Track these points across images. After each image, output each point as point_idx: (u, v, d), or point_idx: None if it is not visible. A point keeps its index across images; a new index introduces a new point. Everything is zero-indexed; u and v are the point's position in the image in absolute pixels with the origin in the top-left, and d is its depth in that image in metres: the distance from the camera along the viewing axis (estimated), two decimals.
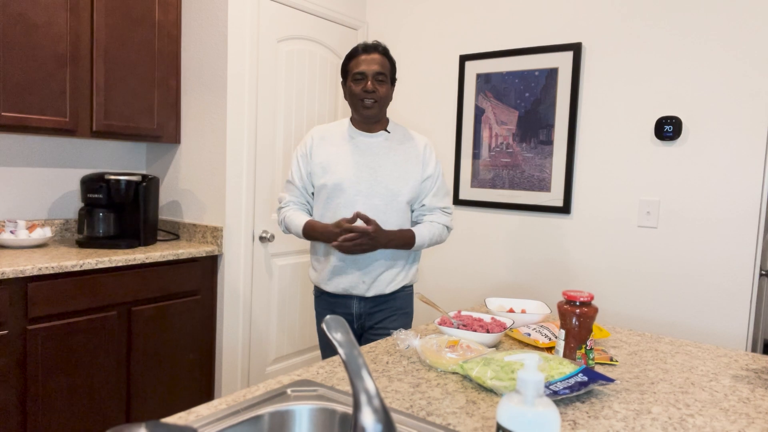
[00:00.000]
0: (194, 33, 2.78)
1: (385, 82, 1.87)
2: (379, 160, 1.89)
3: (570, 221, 2.65)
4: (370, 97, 1.83)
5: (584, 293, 1.21)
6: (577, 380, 1.06)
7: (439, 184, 1.96)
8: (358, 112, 1.88)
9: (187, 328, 2.60)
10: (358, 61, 1.86)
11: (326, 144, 1.91)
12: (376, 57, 1.85)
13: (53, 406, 2.14)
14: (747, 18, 2.21)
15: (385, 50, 1.90)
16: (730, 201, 2.26)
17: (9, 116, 2.24)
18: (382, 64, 1.86)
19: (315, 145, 1.92)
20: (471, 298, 2.98)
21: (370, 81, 1.83)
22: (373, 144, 1.91)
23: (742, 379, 1.24)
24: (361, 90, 1.84)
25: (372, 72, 1.83)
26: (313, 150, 1.92)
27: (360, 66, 1.85)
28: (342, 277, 1.89)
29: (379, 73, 1.84)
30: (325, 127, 1.98)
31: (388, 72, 1.88)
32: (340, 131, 1.94)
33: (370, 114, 1.86)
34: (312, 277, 2.02)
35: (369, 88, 1.83)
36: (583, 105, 2.60)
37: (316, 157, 1.90)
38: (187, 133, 2.86)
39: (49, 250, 2.38)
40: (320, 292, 1.99)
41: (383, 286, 1.90)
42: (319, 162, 1.89)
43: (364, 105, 1.84)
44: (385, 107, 1.90)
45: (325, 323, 0.76)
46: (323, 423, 0.99)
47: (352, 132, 1.92)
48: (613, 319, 2.54)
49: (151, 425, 0.63)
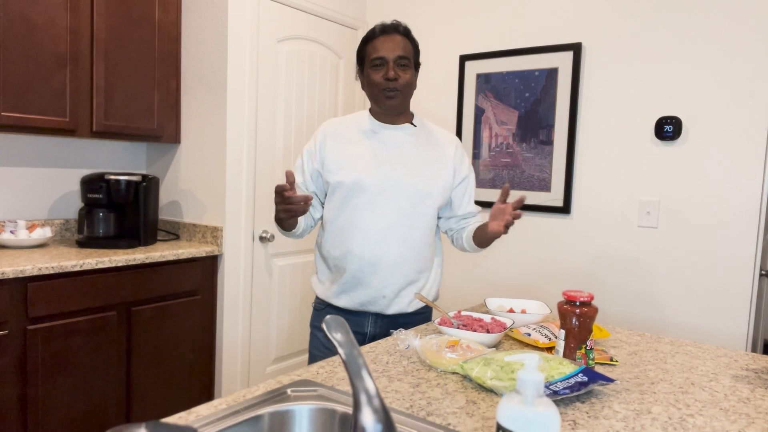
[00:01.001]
0: (194, 33, 2.78)
1: (408, 68, 1.62)
2: (406, 156, 1.65)
3: (570, 221, 2.65)
4: (392, 85, 1.59)
5: (584, 293, 1.21)
6: (577, 380, 1.06)
7: (472, 187, 1.77)
8: (379, 103, 1.64)
9: (187, 328, 2.60)
10: (375, 45, 1.60)
11: (341, 138, 1.67)
12: (397, 39, 1.60)
13: (53, 406, 2.14)
14: (747, 18, 2.21)
15: (407, 30, 1.65)
16: (730, 201, 2.26)
17: (9, 116, 2.24)
18: (405, 47, 1.61)
19: (327, 140, 1.68)
20: (471, 298, 2.98)
21: (391, 67, 1.59)
22: (398, 137, 1.67)
23: (742, 379, 1.23)
24: (381, 78, 1.59)
25: (393, 57, 1.59)
26: (326, 146, 1.67)
27: (379, 50, 1.59)
28: (359, 290, 1.63)
29: (402, 57, 1.60)
30: (340, 120, 1.73)
31: (411, 56, 1.64)
32: (358, 124, 1.70)
33: (392, 105, 1.62)
34: (317, 290, 1.75)
35: (391, 75, 1.58)
36: (583, 105, 2.60)
37: (330, 153, 1.66)
38: (187, 133, 2.86)
39: (49, 250, 2.38)
40: (324, 305, 1.73)
41: (406, 302, 1.66)
42: (334, 157, 1.65)
43: (386, 95, 1.60)
44: (410, 96, 1.66)
45: (325, 323, 0.76)
46: (323, 423, 0.99)
47: (374, 125, 1.68)
48: (613, 319, 2.54)
49: (151, 425, 0.63)
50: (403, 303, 1.66)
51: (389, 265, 1.61)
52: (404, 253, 1.63)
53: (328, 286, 1.70)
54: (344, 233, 1.63)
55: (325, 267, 1.72)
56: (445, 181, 1.68)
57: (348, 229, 1.62)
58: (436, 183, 1.66)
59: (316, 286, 1.76)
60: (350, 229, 1.62)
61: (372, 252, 1.61)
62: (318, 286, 1.75)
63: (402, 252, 1.63)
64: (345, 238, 1.63)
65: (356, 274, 1.62)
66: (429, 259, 1.71)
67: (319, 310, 1.76)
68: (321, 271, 1.74)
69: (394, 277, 1.63)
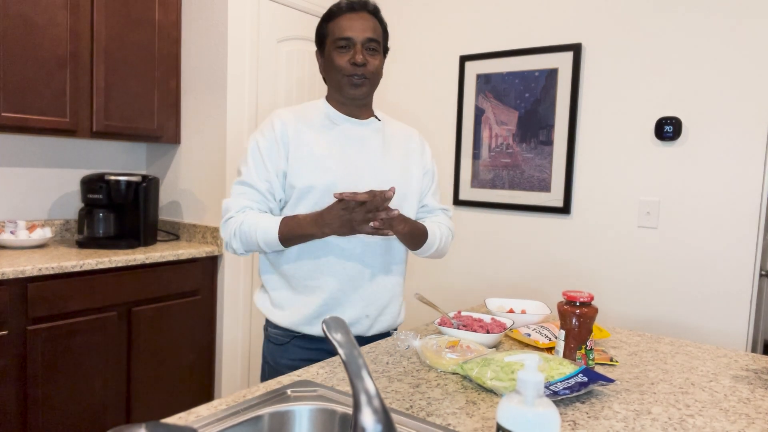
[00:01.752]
0: (194, 33, 2.78)
1: (378, 52, 1.42)
2: (378, 155, 1.46)
3: (570, 221, 2.65)
4: (360, 71, 1.38)
5: (584, 293, 1.21)
6: (577, 381, 1.06)
7: (437, 180, 1.61)
8: (343, 91, 1.42)
9: (187, 328, 2.60)
10: (341, 23, 1.38)
11: (304, 131, 1.41)
12: (366, 17, 1.40)
13: (53, 406, 2.14)
14: (747, 18, 2.21)
15: (377, 9, 1.45)
16: (730, 201, 2.26)
17: (9, 116, 2.24)
18: (375, 28, 1.41)
19: (289, 133, 1.39)
20: (471, 298, 2.98)
21: (359, 50, 1.37)
22: (366, 134, 1.46)
23: (742, 379, 1.23)
24: (347, 62, 1.38)
25: (362, 39, 1.37)
26: (288, 140, 1.39)
27: (345, 30, 1.37)
28: (339, 312, 1.41)
29: (371, 40, 1.39)
30: (294, 110, 1.46)
31: (381, 39, 1.43)
32: (317, 116, 1.45)
33: (358, 94, 1.41)
34: (276, 318, 1.43)
35: (359, 60, 1.36)
36: (583, 105, 2.60)
37: (294, 150, 1.38)
38: (187, 133, 2.86)
39: (49, 251, 2.38)
40: (290, 338, 1.43)
41: (388, 321, 1.48)
42: (299, 156, 1.38)
43: (351, 82, 1.39)
44: (376, 86, 1.46)
45: (325, 323, 0.75)
46: (323, 423, 0.99)
47: (336, 117, 1.45)
48: (613, 319, 2.54)
49: (151, 425, 0.63)
50: (387, 321, 1.48)
51: (373, 279, 1.43)
52: (388, 264, 1.47)
53: (294, 313, 1.41)
54: (317, 247, 1.39)
55: (287, 290, 1.43)
56: (417, 178, 1.52)
57: (323, 241, 1.38)
58: (409, 184, 1.49)
59: (272, 314, 1.45)
60: (326, 241, 1.38)
61: (354, 267, 1.41)
62: (276, 313, 1.44)
63: (385, 263, 1.46)
64: (319, 252, 1.39)
65: (335, 293, 1.40)
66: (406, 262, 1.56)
67: (281, 344, 1.44)
68: (280, 296, 1.44)
69: (379, 292, 1.45)
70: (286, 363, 1.43)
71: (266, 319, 1.50)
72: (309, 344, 1.43)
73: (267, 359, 1.50)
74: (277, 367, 1.45)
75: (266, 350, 1.50)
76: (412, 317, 3.19)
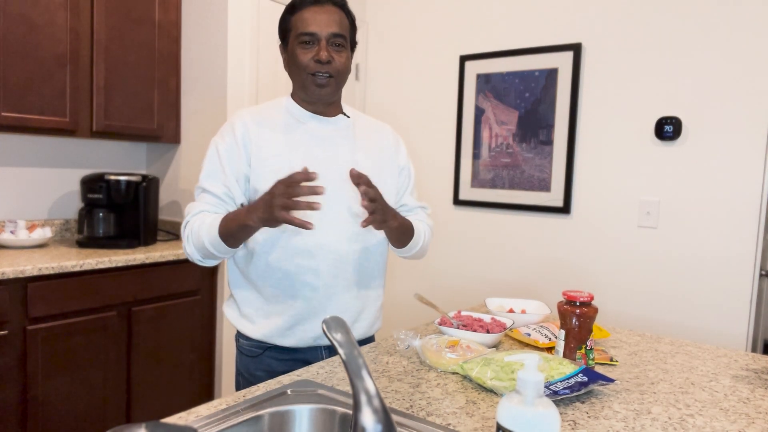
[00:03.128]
0: (194, 33, 2.78)
1: (344, 48, 1.34)
2: (348, 154, 1.38)
3: (570, 221, 2.65)
4: (324, 69, 1.31)
5: (584, 293, 1.21)
6: (577, 380, 1.06)
7: (413, 178, 1.53)
8: (307, 90, 1.34)
9: (187, 328, 2.60)
10: (304, 17, 1.30)
11: (266, 133, 1.34)
12: (331, 10, 1.32)
13: (53, 406, 2.14)
14: (747, 18, 2.21)
15: (343, 1, 1.36)
16: (730, 201, 2.26)
17: (9, 116, 2.24)
18: (341, 21, 1.33)
19: (250, 134, 1.32)
20: (471, 298, 2.98)
21: (324, 47, 1.30)
22: (334, 132, 1.39)
23: (742, 379, 1.23)
24: (311, 60, 1.30)
25: (327, 34, 1.30)
26: (250, 141, 1.32)
27: (309, 24, 1.29)
28: (313, 321, 1.34)
29: (337, 35, 1.31)
30: (256, 110, 1.40)
31: (348, 33, 1.35)
32: (281, 114, 1.38)
33: (323, 94, 1.34)
34: (247, 331, 1.37)
35: (323, 57, 1.29)
36: (583, 105, 2.60)
37: (257, 152, 1.31)
38: (187, 133, 2.86)
39: (49, 251, 2.38)
40: (262, 350, 1.37)
41: (366, 326, 1.43)
42: (262, 158, 1.31)
43: (316, 82, 1.32)
44: (343, 84, 1.38)
45: (324, 323, 0.75)
46: (323, 423, 0.99)
47: (301, 115, 1.38)
48: (613, 319, 2.54)
49: (151, 425, 0.63)
50: (365, 326, 1.42)
51: (349, 285, 1.37)
52: (364, 268, 1.40)
53: (265, 324, 1.35)
54: (288, 254, 1.32)
55: (257, 300, 1.36)
56: (392, 177, 1.46)
57: (294, 249, 1.31)
58: (384, 182, 1.40)
59: (242, 325, 1.39)
60: (297, 248, 1.31)
61: (329, 273, 1.34)
62: (247, 325, 1.38)
63: (361, 268, 1.39)
64: (290, 260, 1.32)
65: (310, 302, 1.33)
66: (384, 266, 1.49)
67: (254, 356, 1.38)
68: (249, 307, 1.37)
69: (355, 299, 1.38)
70: (261, 375, 1.37)
71: (237, 330, 1.43)
72: (283, 355, 1.36)
73: (240, 371, 1.43)
74: (251, 379, 1.39)
75: (239, 362, 1.43)
76: (412, 317, 3.19)
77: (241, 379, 1.43)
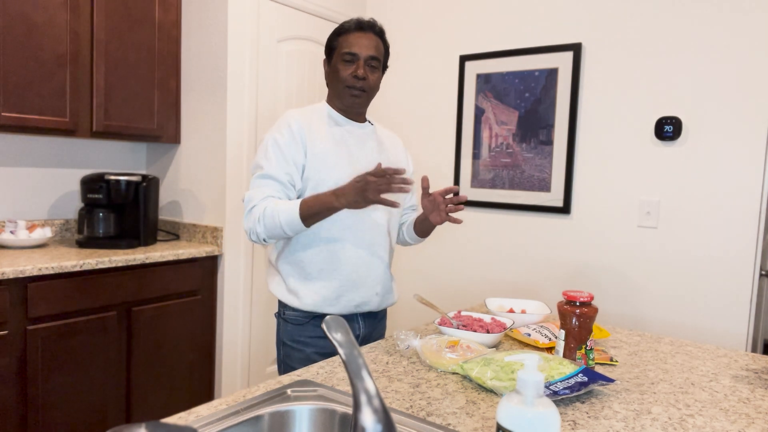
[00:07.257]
0: (194, 33, 2.78)
1: (377, 69, 1.60)
2: (375, 153, 1.65)
3: (570, 221, 2.65)
4: (359, 84, 1.57)
5: (584, 293, 1.21)
6: (577, 380, 1.06)
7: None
8: (343, 99, 1.61)
9: (187, 328, 2.60)
10: (349, 39, 1.57)
11: (315, 130, 1.58)
12: (372, 38, 1.58)
13: (53, 406, 2.14)
14: (747, 18, 2.21)
15: (382, 31, 1.63)
16: (730, 201, 2.26)
17: (9, 116, 2.24)
18: (378, 47, 1.59)
19: (304, 131, 1.56)
20: (471, 298, 2.98)
21: (361, 65, 1.56)
22: (364, 135, 1.66)
23: (742, 379, 1.23)
24: (350, 75, 1.56)
25: (366, 56, 1.56)
26: (305, 137, 1.56)
27: (352, 45, 1.56)
28: (354, 292, 1.58)
29: (373, 58, 1.57)
30: (302, 111, 1.63)
31: (382, 57, 1.62)
32: (321, 117, 1.63)
33: (356, 104, 1.61)
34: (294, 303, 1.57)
35: (360, 74, 1.55)
36: (583, 105, 2.60)
37: (312, 146, 1.56)
38: (187, 133, 2.86)
39: (49, 251, 2.38)
40: (309, 318, 1.58)
41: (392, 295, 1.69)
42: (314, 152, 1.55)
43: (351, 93, 1.58)
44: (372, 98, 1.65)
45: (324, 323, 0.76)
46: (323, 423, 0.99)
47: (338, 118, 1.64)
48: (614, 319, 2.54)
49: (151, 425, 0.63)
50: (391, 296, 1.68)
51: (381, 261, 1.63)
52: (390, 247, 1.69)
53: (312, 296, 1.56)
54: (333, 235, 1.55)
55: (302, 275, 1.58)
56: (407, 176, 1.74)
57: (338, 230, 1.55)
58: None
59: (289, 299, 1.59)
60: (341, 230, 1.55)
61: (368, 250, 1.59)
62: (294, 298, 1.58)
63: (389, 246, 1.67)
64: (335, 240, 1.55)
65: (351, 276, 1.56)
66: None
67: (301, 324, 1.59)
68: (296, 281, 1.58)
69: (385, 273, 1.65)
70: (305, 340, 1.57)
71: (281, 304, 1.63)
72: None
73: (284, 341, 1.62)
74: (295, 345, 1.59)
75: (283, 333, 1.62)
76: (412, 317, 3.19)
77: (283, 350, 1.63)
